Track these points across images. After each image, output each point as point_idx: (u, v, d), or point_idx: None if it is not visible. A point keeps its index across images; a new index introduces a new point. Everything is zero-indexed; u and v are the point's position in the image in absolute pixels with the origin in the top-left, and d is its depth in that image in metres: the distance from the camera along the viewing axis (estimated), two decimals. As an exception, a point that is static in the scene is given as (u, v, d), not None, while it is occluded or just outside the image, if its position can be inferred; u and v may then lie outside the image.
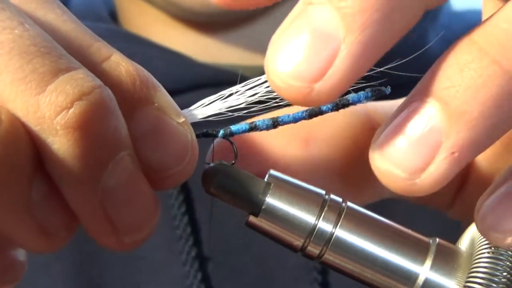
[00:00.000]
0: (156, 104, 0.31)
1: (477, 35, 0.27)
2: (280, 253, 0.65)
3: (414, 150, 0.27)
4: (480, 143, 0.27)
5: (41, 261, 0.63)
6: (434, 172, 0.27)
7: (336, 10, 0.26)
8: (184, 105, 0.33)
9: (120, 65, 0.31)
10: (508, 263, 0.31)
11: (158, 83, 0.32)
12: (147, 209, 0.31)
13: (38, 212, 0.29)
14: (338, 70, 0.26)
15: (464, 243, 0.33)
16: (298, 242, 0.32)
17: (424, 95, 0.27)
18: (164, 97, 0.31)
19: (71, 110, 0.28)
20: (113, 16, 0.76)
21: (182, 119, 0.31)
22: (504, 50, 0.27)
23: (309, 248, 0.32)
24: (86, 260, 0.64)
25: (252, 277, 0.64)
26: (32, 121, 0.28)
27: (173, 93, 0.33)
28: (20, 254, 0.32)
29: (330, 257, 0.32)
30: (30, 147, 0.28)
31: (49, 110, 0.28)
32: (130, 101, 0.30)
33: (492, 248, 0.31)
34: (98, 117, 0.28)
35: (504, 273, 0.31)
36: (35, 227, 0.29)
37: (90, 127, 0.28)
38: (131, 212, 0.30)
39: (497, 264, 0.31)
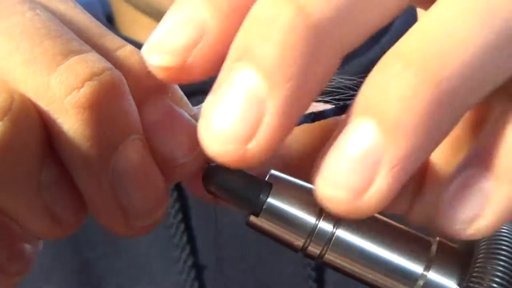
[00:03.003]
0: (170, 94, 0.31)
1: (403, 46, 0.27)
2: (277, 261, 0.65)
3: (354, 169, 0.26)
4: (419, 154, 0.27)
5: (41, 268, 0.63)
6: (378, 190, 0.26)
7: (257, 69, 0.26)
8: None
9: (134, 54, 0.31)
10: (509, 263, 0.31)
11: None
12: (157, 194, 0.31)
13: (47, 195, 0.29)
14: (267, 128, 0.26)
15: (464, 242, 0.33)
16: (298, 242, 0.32)
17: (359, 112, 0.27)
18: (176, 89, 0.32)
19: (81, 90, 0.28)
20: (110, 19, 0.77)
21: (194, 112, 0.32)
22: (429, 57, 0.26)
23: (309, 248, 0.32)
24: (85, 268, 0.64)
25: (248, 286, 0.64)
26: (43, 101, 0.28)
27: None
28: (28, 247, 0.32)
29: (331, 257, 0.32)
30: (41, 127, 0.28)
31: (60, 90, 0.28)
32: (143, 88, 0.30)
33: (493, 248, 0.31)
34: (109, 98, 0.28)
35: (505, 274, 0.31)
36: (44, 210, 0.29)
37: (101, 107, 0.28)
38: (141, 196, 0.30)
39: (498, 265, 0.31)
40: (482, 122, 0.32)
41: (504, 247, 0.31)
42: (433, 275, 0.32)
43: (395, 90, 0.26)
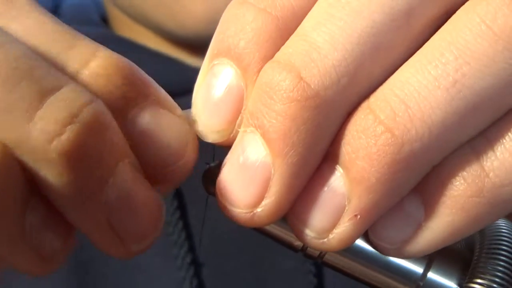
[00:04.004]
0: (153, 98, 0.30)
1: (373, 101, 0.28)
2: (275, 257, 0.65)
3: (321, 212, 0.29)
4: (380, 206, 0.29)
5: None
6: (340, 233, 0.29)
7: (263, 138, 0.28)
8: None
9: (108, 64, 0.29)
10: (508, 263, 0.31)
11: (149, 77, 0.31)
12: (152, 214, 0.30)
13: (33, 237, 0.28)
14: (273, 195, 0.29)
15: (464, 242, 0.33)
16: (298, 242, 0.32)
17: (329, 159, 0.29)
18: (157, 91, 0.31)
19: (63, 136, 0.26)
20: (105, 20, 0.77)
21: (179, 112, 0.31)
22: (396, 117, 0.27)
23: (309, 248, 0.32)
24: (81, 268, 0.63)
25: (247, 282, 0.64)
26: (25, 151, 0.27)
27: None
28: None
29: (330, 257, 0.32)
30: (23, 176, 0.27)
31: (41, 139, 0.26)
32: (123, 99, 0.29)
33: (493, 248, 0.31)
34: (92, 136, 0.27)
35: (505, 274, 0.31)
36: (31, 252, 0.28)
37: (86, 148, 0.27)
38: (137, 221, 0.29)
39: (498, 264, 0.31)
40: None
41: (504, 247, 0.31)
42: (433, 275, 0.32)
43: (363, 146, 0.28)
